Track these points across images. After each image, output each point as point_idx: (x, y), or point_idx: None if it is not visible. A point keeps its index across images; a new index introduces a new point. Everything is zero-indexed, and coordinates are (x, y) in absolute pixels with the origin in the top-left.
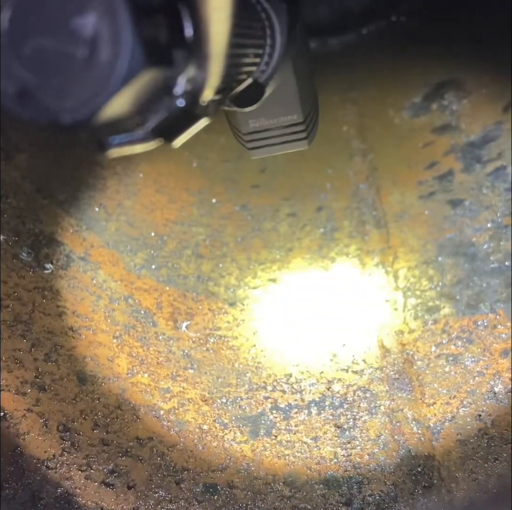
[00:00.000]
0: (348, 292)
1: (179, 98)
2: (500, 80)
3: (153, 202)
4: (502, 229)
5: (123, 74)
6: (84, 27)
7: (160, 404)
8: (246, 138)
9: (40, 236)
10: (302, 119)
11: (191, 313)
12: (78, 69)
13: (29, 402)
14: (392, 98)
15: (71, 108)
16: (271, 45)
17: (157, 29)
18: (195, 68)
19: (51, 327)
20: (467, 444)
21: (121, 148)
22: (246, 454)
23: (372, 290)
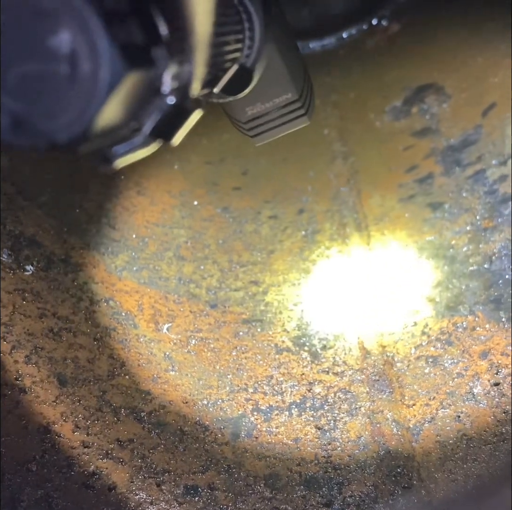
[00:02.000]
0: (329, 294)
1: (169, 96)
2: (480, 84)
3: (134, 204)
4: (481, 232)
5: (106, 83)
6: (61, 45)
7: (141, 406)
8: (246, 126)
9: (20, 238)
10: (297, 96)
11: (173, 315)
12: (63, 87)
13: (10, 404)
14: (372, 101)
15: (64, 126)
16: (250, 29)
17: (131, 33)
18: (178, 64)
19: (31, 329)
20: (446, 445)
21: (125, 157)
22: (227, 455)
23: (353, 292)
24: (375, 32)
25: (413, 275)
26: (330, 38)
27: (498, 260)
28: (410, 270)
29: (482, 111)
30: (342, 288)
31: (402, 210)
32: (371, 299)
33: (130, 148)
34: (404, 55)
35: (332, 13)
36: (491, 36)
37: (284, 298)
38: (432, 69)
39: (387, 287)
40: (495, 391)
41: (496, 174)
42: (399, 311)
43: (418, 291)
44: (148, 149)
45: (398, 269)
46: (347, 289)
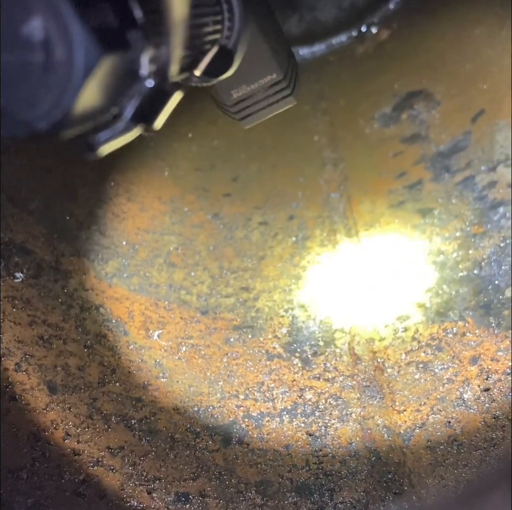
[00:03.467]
0: (319, 300)
1: (147, 79)
2: (469, 91)
3: (125, 211)
4: (471, 237)
5: (82, 68)
6: (34, 32)
7: (131, 413)
8: (233, 109)
9: (10, 245)
10: (282, 76)
11: (163, 322)
12: (39, 74)
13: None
14: (362, 108)
15: (43, 113)
16: (229, 10)
17: (104, 16)
18: (155, 47)
19: (21, 336)
20: (437, 451)
21: (108, 144)
22: (218, 462)
23: (343, 298)
24: (365, 39)
25: (404, 281)
26: (320, 45)
27: (487, 266)
28: (400, 276)
29: (471, 118)
30: (332, 294)
31: (392, 216)
32: (361, 305)
33: (112, 134)
34: (394, 62)
35: (322, 20)
36: (479, 43)
37: (275, 304)
38: (421, 75)
39: (377, 293)
40: (485, 397)
41: (485, 180)
42: (389, 317)
43: (408, 297)
44: (130, 134)
45: (388, 275)
46: (337, 295)
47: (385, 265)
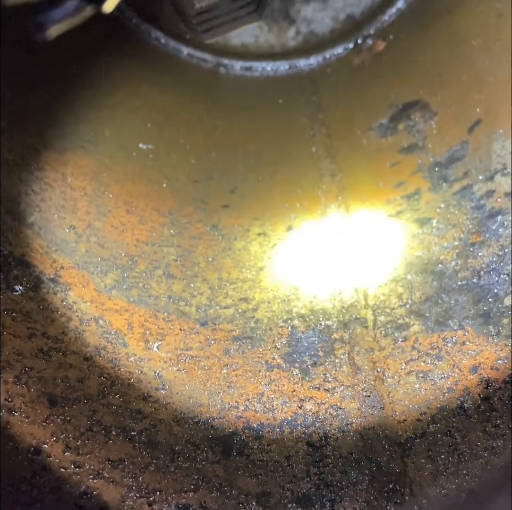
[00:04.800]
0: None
1: None
2: (465, 101)
3: (124, 223)
4: (469, 247)
5: None
6: None
7: (131, 425)
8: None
9: (9, 258)
10: None
11: (163, 334)
12: None
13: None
14: (359, 119)
15: None
16: None
17: None
18: None
19: (21, 349)
20: (438, 460)
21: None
22: (218, 474)
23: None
24: (361, 51)
25: (403, 291)
26: (316, 57)
27: (486, 275)
28: (399, 285)
29: (468, 127)
30: (332, 304)
31: (391, 226)
32: (361, 316)
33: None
34: (390, 73)
35: (318, 32)
36: (475, 54)
37: (274, 315)
38: (418, 86)
39: (376, 302)
40: (485, 406)
41: (483, 189)
42: (389, 327)
43: (407, 307)
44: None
45: (387, 285)
46: (336, 305)
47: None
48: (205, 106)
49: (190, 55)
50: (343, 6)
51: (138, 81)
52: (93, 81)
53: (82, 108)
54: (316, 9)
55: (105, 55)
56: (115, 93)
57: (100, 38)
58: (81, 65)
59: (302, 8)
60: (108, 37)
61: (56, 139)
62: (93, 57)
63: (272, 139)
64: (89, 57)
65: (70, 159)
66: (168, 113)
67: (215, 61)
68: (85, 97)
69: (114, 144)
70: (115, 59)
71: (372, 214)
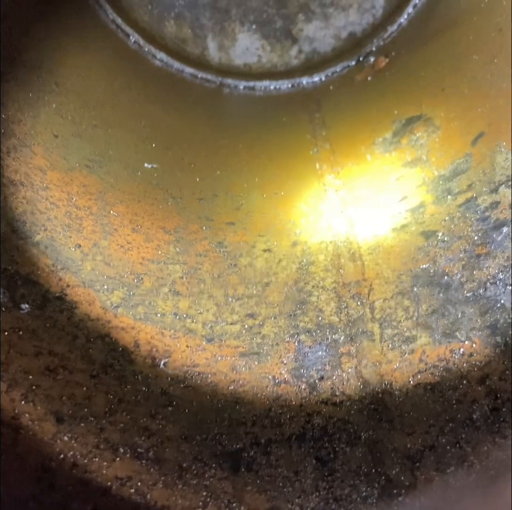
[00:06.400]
0: (325, 323)
1: None
2: (468, 115)
3: (129, 241)
4: (474, 258)
5: None
6: None
7: (139, 442)
8: None
9: (15, 277)
10: None
11: (169, 351)
12: None
13: (7, 443)
14: (362, 135)
15: None
16: None
17: None
18: None
19: (27, 367)
20: (447, 472)
21: None
22: (227, 490)
23: (350, 318)
24: (363, 68)
25: (409, 304)
26: (319, 75)
27: (492, 286)
28: (406, 298)
29: (471, 140)
30: (338, 318)
31: (395, 239)
32: (368, 329)
33: None
34: (392, 89)
35: (321, 51)
36: (477, 68)
37: (280, 330)
38: (421, 101)
39: (382, 315)
40: (494, 416)
41: (488, 201)
42: (396, 340)
43: (414, 319)
44: None
45: (394, 298)
46: (343, 319)
47: (390, 288)
48: (209, 125)
49: (193, 75)
50: (344, 24)
51: (142, 101)
52: (99, 102)
53: (88, 128)
54: (318, 28)
55: (111, 78)
56: (120, 113)
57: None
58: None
59: (304, 27)
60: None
61: (61, 159)
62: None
63: (276, 156)
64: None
65: (75, 178)
66: (172, 133)
67: (218, 81)
68: (91, 118)
69: (119, 164)
70: (120, 80)
71: (376, 227)
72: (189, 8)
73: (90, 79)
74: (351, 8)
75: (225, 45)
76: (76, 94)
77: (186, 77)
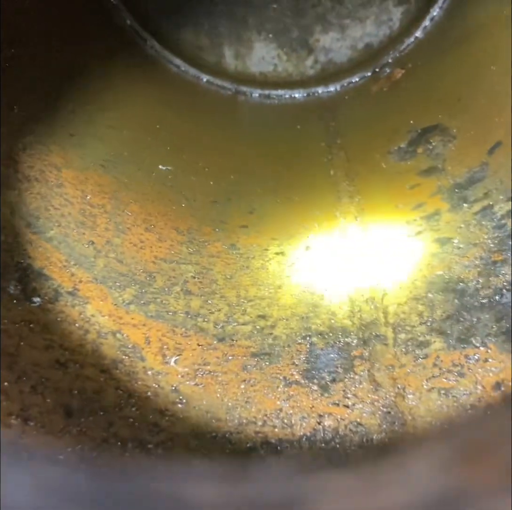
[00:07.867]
0: (337, 327)
1: None
2: (484, 124)
3: (142, 240)
4: (490, 265)
5: None
6: None
7: (148, 438)
8: None
9: (28, 270)
10: None
11: (180, 348)
12: None
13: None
14: (377, 143)
15: None
16: None
17: None
18: None
19: (37, 360)
20: None
21: None
22: None
23: (363, 324)
24: (379, 79)
25: (423, 309)
26: (335, 85)
27: (508, 293)
28: (420, 303)
29: (488, 150)
30: (351, 321)
31: (410, 245)
32: (381, 333)
33: None
34: (408, 99)
35: (337, 61)
36: (494, 78)
37: (292, 332)
38: (437, 111)
39: (396, 320)
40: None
41: (504, 209)
42: (409, 344)
43: (428, 324)
44: None
45: (408, 303)
46: (356, 322)
47: (404, 293)
48: (224, 131)
49: (209, 82)
50: (361, 35)
51: (158, 105)
52: (116, 104)
53: (104, 129)
54: (334, 39)
55: (128, 81)
56: (136, 117)
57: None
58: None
59: (321, 37)
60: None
61: (76, 158)
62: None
63: (291, 163)
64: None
65: (90, 177)
66: (187, 137)
67: (234, 88)
68: (107, 119)
69: (133, 165)
70: (137, 85)
71: (391, 234)
72: (206, 16)
73: (106, 83)
74: (368, 20)
75: (241, 53)
76: (93, 97)
77: (202, 84)
